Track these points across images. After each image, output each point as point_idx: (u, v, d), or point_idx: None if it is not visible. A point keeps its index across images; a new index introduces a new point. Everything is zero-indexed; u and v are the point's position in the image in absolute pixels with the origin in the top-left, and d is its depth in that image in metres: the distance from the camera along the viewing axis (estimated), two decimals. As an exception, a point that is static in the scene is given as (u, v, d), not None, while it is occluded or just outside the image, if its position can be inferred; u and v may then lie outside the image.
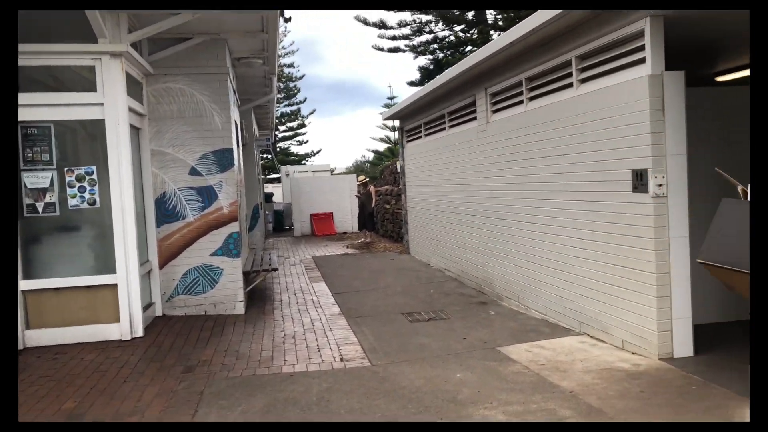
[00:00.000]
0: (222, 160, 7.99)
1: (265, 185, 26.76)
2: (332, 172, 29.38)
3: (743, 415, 3.94)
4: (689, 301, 5.17)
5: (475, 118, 9.06)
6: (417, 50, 25.66)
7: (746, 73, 7.46)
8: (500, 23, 22.66)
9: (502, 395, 4.70)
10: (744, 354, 5.20)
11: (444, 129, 10.74)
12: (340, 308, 8.41)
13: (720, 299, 6.12)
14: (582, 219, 6.15)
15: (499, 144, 8.11)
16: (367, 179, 16.86)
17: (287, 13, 10.73)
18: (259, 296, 9.49)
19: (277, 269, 10.15)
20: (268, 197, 23.20)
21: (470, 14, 23.88)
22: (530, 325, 6.92)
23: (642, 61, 5.19)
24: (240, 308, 8.08)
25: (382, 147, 37.48)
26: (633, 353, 5.45)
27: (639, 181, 5.24)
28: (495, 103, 8.35)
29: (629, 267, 5.44)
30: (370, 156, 40.55)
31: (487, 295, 8.87)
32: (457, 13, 23.86)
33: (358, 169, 41.86)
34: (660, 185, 5.09)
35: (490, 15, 23.82)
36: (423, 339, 6.62)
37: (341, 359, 5.97)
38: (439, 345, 6.33)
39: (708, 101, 6.04)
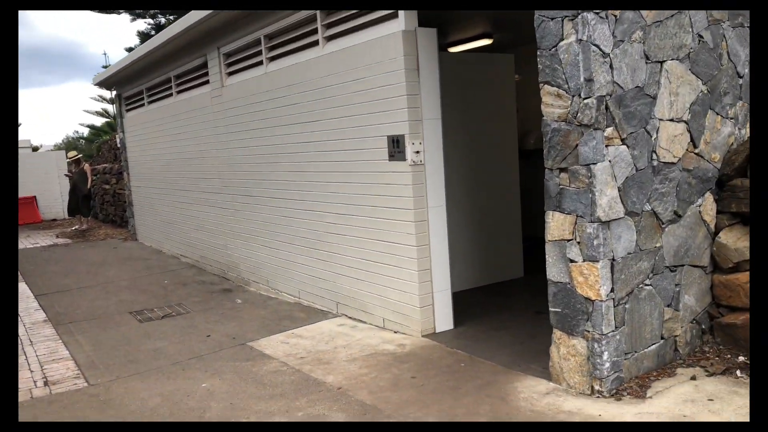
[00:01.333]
0: None
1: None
2: (35, 149, 24.84)
3: (515, 389, 3.78)
4: (448, 273, 5.00)
5: (207, 82, 7.93)
6: (136, 12, 22.77)
7: (473, 44, 7.71)
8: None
9: (261, 404, 3.91)
10: (495, 321, 5.24)
11: (171, 95, 9.33)
12: (45, 314, 6.69)
13: (467, 266, 6.18)
14: (337, 192, 5.61)
15: (238, 111, 7.16)
16: (80, 155, 14.25)
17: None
18: None
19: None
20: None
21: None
22: (283, 311, 6.23)
23: (395, 15, 4.76)
24: None
25: (99, 121, 32.88)
26: (395, 332, 5.12)
27: (396, 148, 4.84)
28: (230, 65, 7.34)
29: (389, 241, 5.06)
30: (85, 131, 35.48)
31: (231, 282, 7.93)
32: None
33: (69, 146, 36.33)
34: (417, 152, 4.75)
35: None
36: (158, 342, 5.46)
37: (45, 383, 4.56)
38: (179, 348, 5.26)
39: (453, 65, 5.94)
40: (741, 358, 3.81)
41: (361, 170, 5.26)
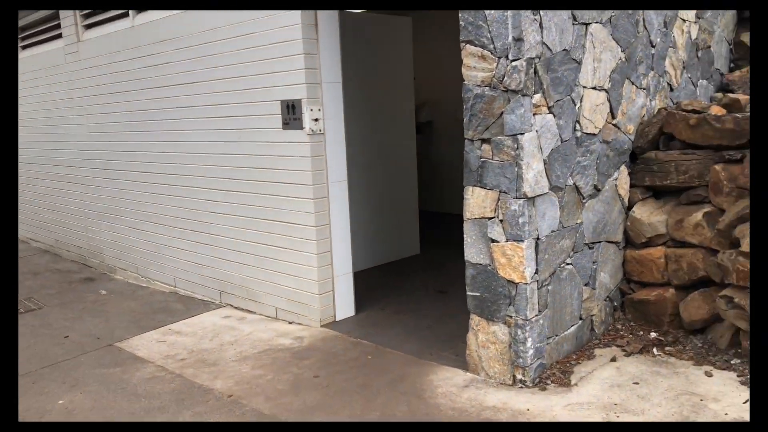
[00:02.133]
0: None
1: None
2: None
3: (431, 383, 3.42)
4: (350, 255, 4.53)
5: (60, 36, 6.76)
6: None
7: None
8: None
9: (135, 422, 3.24)
10: (397, 304, 4.87)
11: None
12: None
13: (365, 245, 5.76)
14: (221, 165, 4.91)
15: (99, 71, 6.14)
16: None
17: None
18: None
19: None
20: None
21: None
22: (157, 303, 5.45)
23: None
24: None
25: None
26: (290, 323, 4.58)
27: (291, 115, 4.26)
28: (88, 16, 6.26)
29: (283, 221, 4.48)
30: None
31: (94, 270, 6.92)
32: None
33: None
34: (316, 120, 4.20)
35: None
36: None
37: None
38: (28, 354, 4.37)
39: (348, 25, 5.40)
40: (653, 335, 3.72)
41: (249, 140, 4.62)
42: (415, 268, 5.93)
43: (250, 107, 4.55)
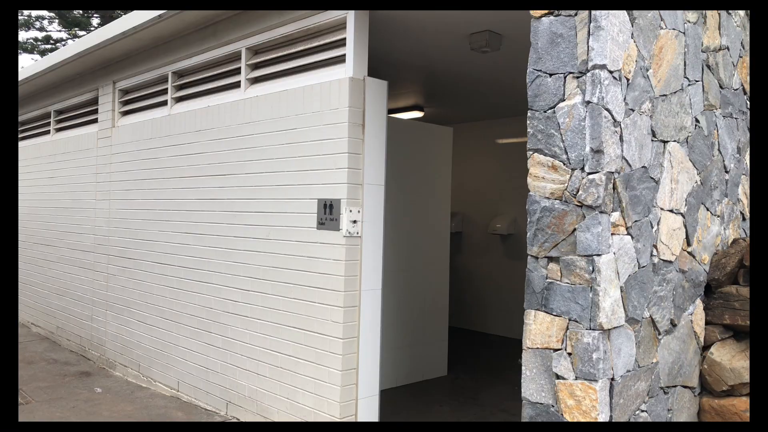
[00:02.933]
0: None
1: None
2: None
3: None
4: (377, 375, 4.03)
5: (96, 120, 6.71)
6: (22, 47, 20.77)
7: (405, 115, 7.16)
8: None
9: None
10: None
11: (48, 133, 7.92)
12: None
13: (391, 362, 5.24)
14: (245, 263, 4.55)
15: (128, 156, 5.99)
16: None
17: None
18: None
19: None
20: None
21: (96, 21, 20.50)
22: (156, 409, 4.90)
23: (341, 59, 4.00)
24: None
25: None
26: (304, 448, 4.01)
27: (328, 214, 3.95)
28: (127, 102, 6.22)
29: (307, 329, 4.04)
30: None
31: (92, 362, 6.41)
32: (80, 14, 20.24)
33: None
34: (355, 222, 3.88)
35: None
36: None
37: None
38: (1, 462, 3.81)
39: (394, 129, 5.23)
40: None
41: (279, 238, 4.28)
42: (444, 394, 5.35)
43: (284, 204, 4.26)
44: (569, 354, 2.73)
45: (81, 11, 20.02)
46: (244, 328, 4.53)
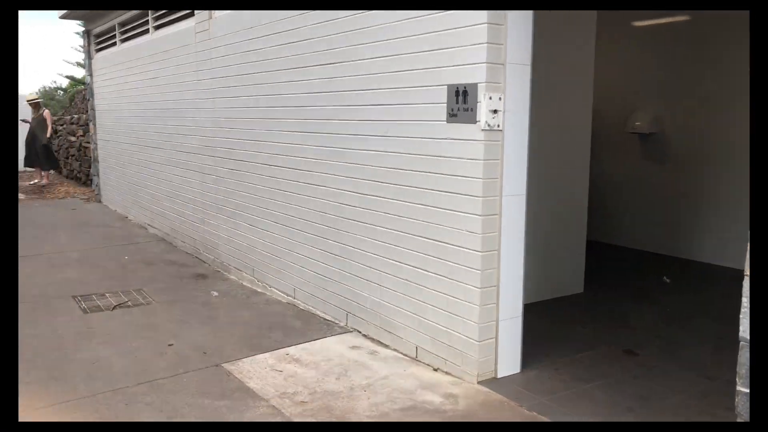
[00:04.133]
0: None
1: None
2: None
3: None
4: (521, 294, 3.47)
5: (193, 14, 6.24)
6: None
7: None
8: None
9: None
10: (574, 363, 3.76)
11: (148, 31, 7.61)
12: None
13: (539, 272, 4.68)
14: (362, 164, 4.02)
15: (229, 50, 5.51)
16: (40, 99, 12.37)
17: None
18: None
19: None
20: None
21: None
22: (273, 316, 4.70)
23: None
24: None
25: (79, 72, 30.45)
26: (435, 369, 3.60)
27: (461, 104, 3.27)
28: (223, -12, 5.66)
29: (438, 241, 3.51)
30: (64, 82, 32.92)
31: (208, 265, 6.35)
32: None
33: (46, 96, 33.82)
34: (495, 111, 3.19)
35: None
36: (100, 349, 4.01)
37: None
38: (127, 362, 3.78)
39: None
40: None
41: (401, 134, 3.69)
42: (583, 312, 4.75)
43: (405, 93, 3.62)
44: (815, 283, 2.00)
45: None
46: (363, 235, 4.08)
